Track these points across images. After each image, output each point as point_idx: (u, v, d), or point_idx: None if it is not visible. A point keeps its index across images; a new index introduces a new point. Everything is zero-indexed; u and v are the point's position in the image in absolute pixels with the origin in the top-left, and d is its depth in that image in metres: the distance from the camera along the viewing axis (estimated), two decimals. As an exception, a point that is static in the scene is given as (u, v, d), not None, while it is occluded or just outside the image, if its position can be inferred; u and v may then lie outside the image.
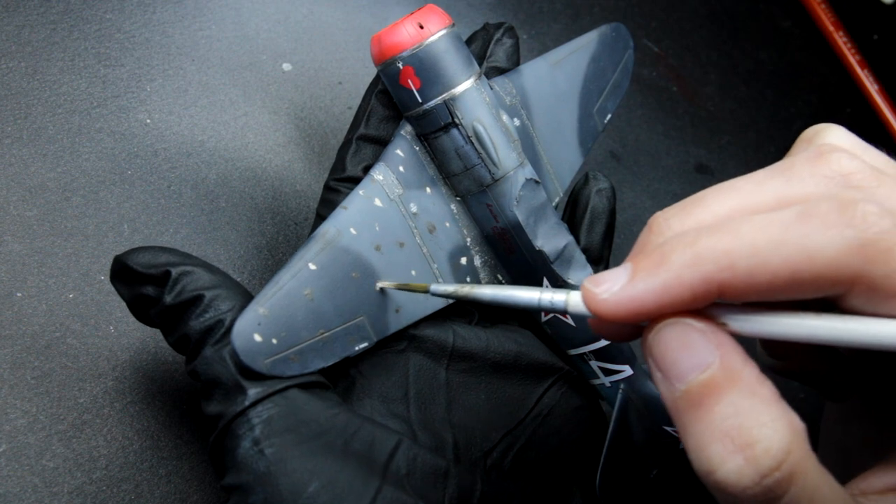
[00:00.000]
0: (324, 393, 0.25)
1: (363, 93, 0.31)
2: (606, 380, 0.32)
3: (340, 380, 0.28)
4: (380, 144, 0.30)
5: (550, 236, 0.30)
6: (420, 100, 0.28)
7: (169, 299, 0.25)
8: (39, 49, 0.34)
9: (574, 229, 0.33)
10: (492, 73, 0.31)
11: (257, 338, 0.24)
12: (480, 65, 0.31)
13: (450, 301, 0.29)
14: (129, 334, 0.31)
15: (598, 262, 0.33)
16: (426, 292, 0.26)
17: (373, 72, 0.30)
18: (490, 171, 0.29)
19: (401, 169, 0.29)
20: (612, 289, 0.19)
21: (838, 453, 0.25)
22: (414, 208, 0.29)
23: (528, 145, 0.31)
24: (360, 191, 0.28)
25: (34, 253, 0.31)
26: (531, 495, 0.29)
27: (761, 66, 0.54)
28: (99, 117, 0.34)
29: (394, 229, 0.28)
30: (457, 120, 0.28)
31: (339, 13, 0.41)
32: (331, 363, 0.26)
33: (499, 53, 0.32)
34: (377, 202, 0.28)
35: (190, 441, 0.31)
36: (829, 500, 0.18)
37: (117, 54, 0.35)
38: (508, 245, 0.30)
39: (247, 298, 0.25)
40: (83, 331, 0.31)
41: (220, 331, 0.25)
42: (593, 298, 0.19)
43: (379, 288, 0.27)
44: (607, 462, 0.31)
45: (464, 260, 0.30)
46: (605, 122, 0.35)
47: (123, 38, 0.36)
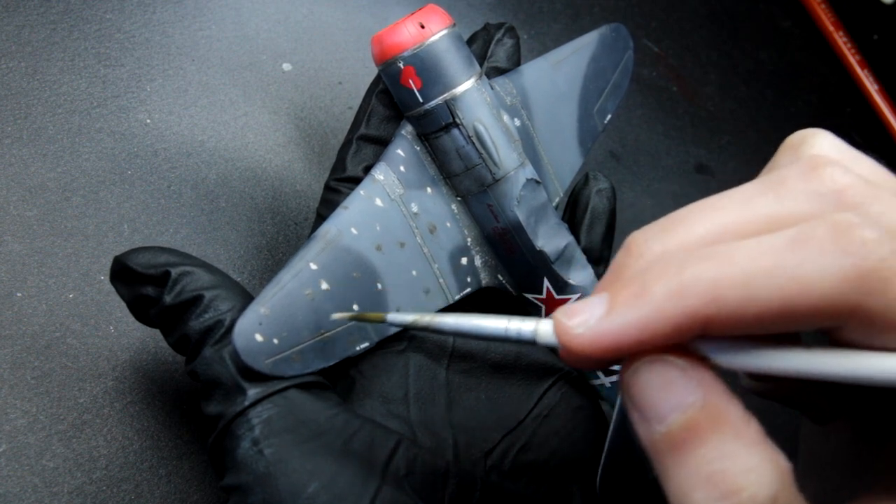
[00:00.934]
0: (323, 393, 0.25)
1: (363, 93, 0.31)
2: (606, 380, 0.32)
3: (340, 380, 0.28)
4: (380, 144, 0.30)
5: (551, 236, 0.30)
6: (421, 100, 0.28)
7: (168, 299, 0.25)
8: (39, 49, 0.34)
9: (574, 229, 0.33)
10: (492, 73, 0.31)
11: (259, 338, 0.24)
12: (481, 65, 0.31)
13: (450, 301, 0.29)
14: (129, 334, 0.31)
15: (598, 263, 0.33)
16: (382, 322, 0.23)
17: (373, 72, 0.30)
18: (491, 172, 0.29)
19: (401, 169, 0.29)
20: (588, 322, 0.17)
21: (817, 467, 0.23)
22: (415, 208, 0.29)
23: (528, 145, 0.31)
24: (361, 191, 0.28)
25: (34, 253, 0.31)
26: (531, 496, 0.28)
27: (761, 66, 0.54)
28: (99, 117, 0.34)
29: (395, 229, 0.28)
30: (458, 120, 0.28)
31: (339, 13, 0.41)
32: (332, 363, 0.26)
33: (499, 53, 0.32)
34: (378, 202, 0.28)
35: (190, 441, 0.31)
36: None
37: (117, 54, 0.35)
38: (509, 245, 0.30)
39: (246, 299, 0.25)
40: (83, 331, 0.31)
41: (219, 331, 0.25)
42: (566, 332, 0.18)
43: (333, 317, 0.25)
44: (607, 462, 0.31)
45: (464, 260, 0.30)
46: (605, 122, 0.35)
47: (123, 38, 0.36)
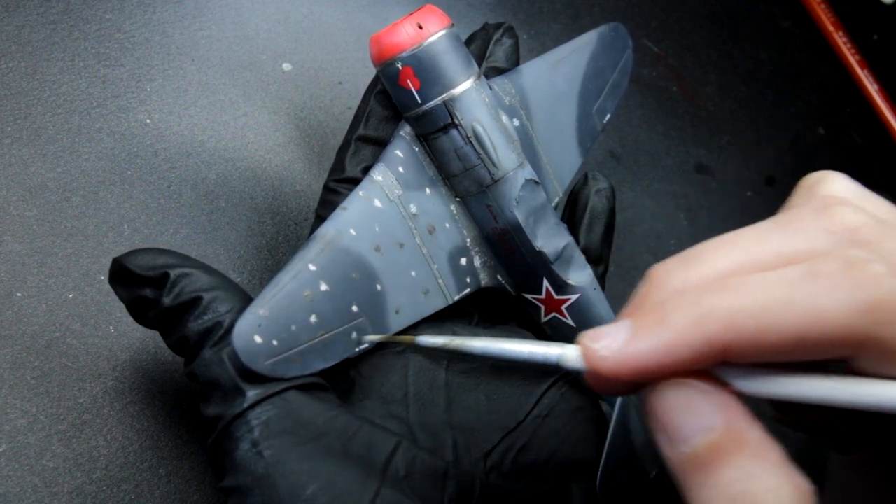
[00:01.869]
0: (322, 394, 0.25)
1: (363, 93, 0.31)
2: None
3: (339, 381, 0.28)
4: (379, 145, 0.30)
5: (550, 237, 0.30)
6: (419, 100, 0.28)
7: (167, 301, 0.25)
8: (39, 49, 0.34)
9: (573, 229, 0.33)
10: (491, 73, 0.31)
11: (258, 339, 0.24)
12: (480, 65, 0.31)
13: (449, 302, 0.29)
14: (129, 334, 0.31)
15: (597, 263, 0.33)
16: (412, 345, 0.25)
17: (372, 72, 0.30)
18: (490, 172, 0.29)
19: (400, 170, 0.29)
20: (612, 346, 0.19)
21: (844, 496, 0.24)
22: (413, 209, 0.29)
23: (527, 145, 0.31)
24: (360, 192, 0.28)
25: (34, 253, 0.31)
26: (531, 496, 0.28)
27: (761, 66, 0.54)
28: (99, 117, 0.34)
29: (393, 230, 0.28)
30: (456, 120, 0.28)
31: (339, 13, 0.41)
32: (331, 364, 0.26)
33: (498, 53, 0.32)
34: (377, 203, 0.28)
35: (190, 441, 0.31)
36: None
37: (117, 54, 0.35)
38: (508, 245, 0.30)
39: (245, 300, 0.25)
40: (83, 331, 0.31)
41: (218, 332, 0.24)
42: (592, 355, 0.19)
43: (367, 341, 0.27)
44: (607, 462, 0.31)
45: (463, 260, 0.30)
46: (605, 122, 0.35)
47: (123, 38, 0.36)
